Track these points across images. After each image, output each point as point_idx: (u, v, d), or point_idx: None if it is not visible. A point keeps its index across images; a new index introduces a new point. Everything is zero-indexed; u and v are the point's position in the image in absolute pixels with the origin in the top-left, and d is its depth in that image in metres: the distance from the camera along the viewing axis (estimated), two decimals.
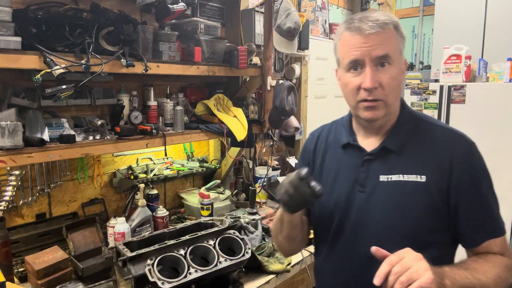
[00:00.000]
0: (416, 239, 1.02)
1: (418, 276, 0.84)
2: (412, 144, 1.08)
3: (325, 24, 3.66)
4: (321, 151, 1.22)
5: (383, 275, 0.87)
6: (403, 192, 1.04)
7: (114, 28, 1.62)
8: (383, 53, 1.00)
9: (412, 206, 1.03)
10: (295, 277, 1.80)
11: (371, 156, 1.09)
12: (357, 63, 1.02)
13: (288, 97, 2.32)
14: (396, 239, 1.02)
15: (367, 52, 1.00)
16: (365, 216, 1.08)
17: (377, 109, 1.03)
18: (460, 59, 3.37)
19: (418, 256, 0.89)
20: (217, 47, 2.04)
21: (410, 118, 1.12)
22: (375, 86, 1.00)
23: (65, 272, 1.51)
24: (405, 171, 1.05)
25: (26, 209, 1.75)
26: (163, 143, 1.82)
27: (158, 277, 1.22)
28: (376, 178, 1.07)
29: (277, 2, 2.39)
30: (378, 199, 1.07)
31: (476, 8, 3.69)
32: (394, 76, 1.02)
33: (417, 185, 1.03)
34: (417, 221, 1.03)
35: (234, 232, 1.48)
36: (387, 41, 1.01)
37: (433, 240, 1.05)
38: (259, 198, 2.45)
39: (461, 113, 3.30)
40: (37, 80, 1.35)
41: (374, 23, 0.99)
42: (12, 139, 1.34)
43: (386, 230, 1.05)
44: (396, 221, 1.04)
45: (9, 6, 1.29)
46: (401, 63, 1.06)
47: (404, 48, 1.07)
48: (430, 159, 1.05)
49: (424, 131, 1.09)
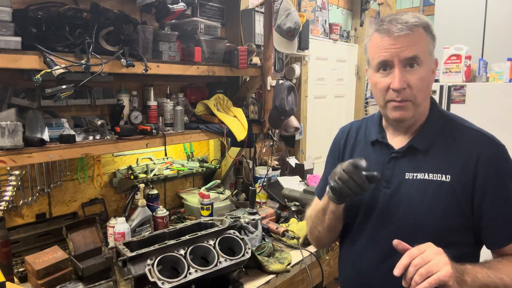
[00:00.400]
0: (438, 237, 1.03)
1: (438, 269, 0.86)
2: (440, 143, 1.09)
3: (325, 24, 3.66)
4: (350, 146, 1.24)
5: (403, 267, 0.90)
6: (427, 191, 1.06)
7: (114, 28, 1.62)
8: (412, 55, 1.02)
9: (436, 204, 1.05)
10: (295, 277, 1.80)
11: (398, 154, 1.12)
12: (386, 64, 1.05)
13: (288, 97, 2.32)
14: (418, 236, 1.03)
15: (396, 53, 1.02)
16: (389, 212, 1.10)
17: (406, 110, 1.05)
18: (460, 59, 3.36)
19: (439, 250, 0.91)
20: (217, 47, 2.04)
21: (440, 118, 1.13)
22: (404, 87, 1.02)
23: (65, 272, 1.51)
24: (431, 170, 1.07)
25: (26, 209, 1.75)
26: (163, 143, 1.82)
27: (158, 277, 1.22)
28: (402, 175, 1.09)
29: (277, 2, 2.39)
30: (402, 196, 1.08)
31: (476, 8, 3.69)
32: (423, 77, 1.03)
33: (441, 184, 1.05)
34: (439, 219, 1.04)
35: (234, 232, 1.48)
36: (416, 43, 1.02)
37: (456, 239, 1.05)
38: (259, 198, 2.45)
39: (461, 113, 3.24)
40: (37, 80, 1.35)
41: (403, 25, 1.01)
42: (12, 139, 1.34)
43: (408, 226, 1.07)
44: (419, 218, 1.06)
45: (9, 6, 1.29)
46: (430, 64, 1.07)
47: (434, 48, 1.08)
48: (456, 159, 1.06)
49: (452, 132, 1.10)
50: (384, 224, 1.11)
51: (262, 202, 2.47)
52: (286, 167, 3.08)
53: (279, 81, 2.35)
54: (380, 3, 4.51)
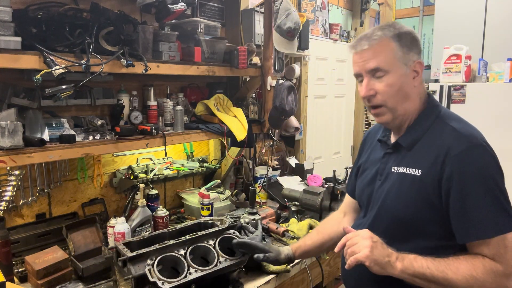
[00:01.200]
0: (412, 227, 1.13)
1: (358, 251, 1.04)
2: (423, 141, 1.16)
3: (325, 24, 3.66)
4: (368, 145, 1.40)
5: (341, 246, 1.09)
6: (403, 183, 1.15)
7: (114, 28, 1.62)
8: (373, 66, 1.13)
9: (409, 196, 1.13)
10: (295, 277, 1.80)
11: (390, 150, 1.24)
12: (358, 76, 1.18)
13: (288, 97, 2.32)
14: (395, 225, 1.16)
15: (362, 66, 1.15)
16: (378, 201, 1.22)
17: (382, 115, 1.17)
18: (460, 59, 3.37)
19: (368, 235, 1.06)
20: (217, 47, 2.04)
21: (430, 117, 1.18)
22: (370, 94, 1.15)
23: (65, 272, 1.51)
24: (408, 165, 1.16)
25: (26, 209, 1.75)
26: (163, 143, 1.82)
27: (158, 277, 1.21)
28: (390, 169, 1.21)
29: (277, 2, 2.39)
30: (386, 187, 1.20)
31: (476, 8, 3.69)
32: (390, 83, 1.13)
33: (413, 178, 1.13)
34: (412, 211, 1.12)
35: (234, 232, 1.48)
36: (376, 55, 1.13)
37: (430, 231, 1.12)
38: (259, 198, 2.45)
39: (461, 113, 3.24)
40: (37, 80, 1.35)
41: (365, 41, 1.14)
42: (12, 139, 1.34)
43: (388, 216, 1.18)
44: (396, 209, 1.16)
45: (9, 6, 1.29)
46: (402, 69, 1.13)
47: (410, 53, 1.14)
48: (429, 155, 1.12)
49: (435, 130, 1.16)
50: (376, 214, 1.22)
51: (262, 202, 2.47)
52: (286, 167, 3.08)
53: (279, 81, 2.35)
54: (380, 3, 4.51)
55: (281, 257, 1.39)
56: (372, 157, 1.32)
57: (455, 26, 3.79)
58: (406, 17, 5.11)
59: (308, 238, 1.49)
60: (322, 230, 1.49)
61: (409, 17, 5.09)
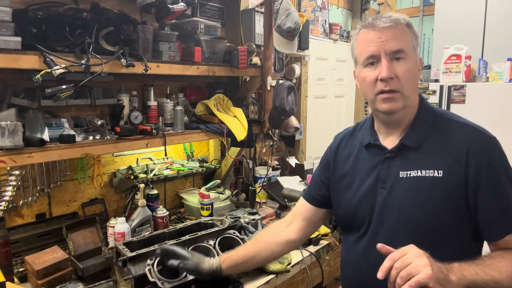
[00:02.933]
0: (435, 233, 1.04)
1: (417, 272, 0.86)
2: (430, 140, 1.10)
3: (325, 24, 3.66)
4: (345, 152, 1.26)
5: (386, 270, 0.90)
6: (421, 188, 1.06)
7: (114, 28, 1.62)
8: (398, 48, 1.04)
9: (430, 201, 1.05)
10: (295, 277, 1.80)
11: (391, 154, 1.13)
12: (373, 58, 1.07)
13: (288, 97, 2.32)
14: (415, 234, 1.05)
15: (382, 46, 1.05)
16: (386, 212, 1.11)
17: (395, 101, 1.07)
18: (460, 59, 3.37)
19: (420, 252, 0.91)
20: (217, 47, 2.04)
21: (429, 114, 1.13)
22: (391, 76, 1.04)
23: (65, 272, 1.51)
24: (423, 167, 1.07)
25: (26, 209, 1.75)
26: (163, 143, 1.82)
27: (158, 277, 1.22)
28: (396, 174, 1.10)
29: (277, 2, 2.39)
30: (398, 195, 1.09)
31: (476, 8, 3.69)
32: (410, 69, 1.06)
33: (434, 180, 1.05)
34: (435, 216, 1.04)
35: (234, 232, 1.49)
36: (400, 36, 1.05)
37: (453, 235, 1.05)
38: (259, 198, 2.45)
39: (461, 113, 3.24)
40: (37, 80, 1.35)
41: (387, 19, 1.05)
42: (12, 139, 1.34)
43: (405, 225, 1.07)
44: (415, 217, 1.06)
45: (9, 6, 1.29)
46: (415, 59, 1.09)
47: (418, 47, 1.10)
48: (447, 153, 1.06)
49: (442, 127, 1.11)
50: (383, 224, 1.12)
51: (262, 202, 2.47)
52: (286, 167, 3.08)
53: (279, 81, 2.35)
54: (380, 3, 4.50)
55: (203, 266, 1.24)
56: (360, 165, 1.19)
57: (455, 26, 3.79)
58: None
59: (241, 248, 1.36)
60: (259, 239, 1.35)
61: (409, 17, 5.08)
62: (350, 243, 1.23)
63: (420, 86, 3.50)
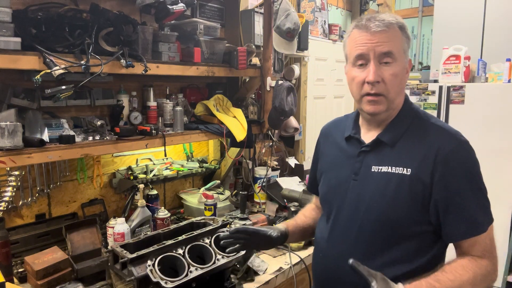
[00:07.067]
0: (399, 228, 1.09)
1: None
2: (406, 138, 1.13)
3: (324, 25, 3.66)
4: (330, 141, 1.33)
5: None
6: (390, 183, 1.10)
7: (114, 29, 1.63)
8: (387, 50, 1.07)
9: (397, 197, 1.08)
10: (296, 276, 1.80)
11: (367, 148, 1.17)
12: (362, 58, 1.10)
13: (287, 98, 2.32)
14: (381, 227, 1.10)
15: (372, 48, 1.08)
16: (357, 203, 1.16)
17: (379, 104, 1.11)
18: (459, 60, 3.37)
19: None
20: (217, 48, 2.04)
21: (409, 115, 1.16)
22: (377, 80, 1.08)
23: (64, 272, 1.51)
24: (394, 164, 1.11)
25: (26, 209, 1.75)
26: (163, 144, 1.82)
27: (161, 277, 1.22)
28: (369, 168, 1.15)
29: (277, 2, 2.39)
30: (368, 188, 1.14)
31: (475, 8, 3.69)
32: (396, 73, 1.09)
33: (402, 177, 1.08)
34: (400, 212, 1.08)
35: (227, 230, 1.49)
36: (391, 39, 1.08)
37: (417, 231, 1.09)
38: (259, 199, 2.45)
39: (460, 114, 3.30)
40: (37, 80, 1.35)
41: (380, 22, 1.07)
42: (12, 140, 1.34)
43: (373, 218, 1.12)
44: (382, 210, 1.10)
45: (9, 7, 1.29)
46: (404, 62, 1.12)
47: (409, 49, 1.13)
48: (418, 153, 1.09)
49: (419, 128, 1.13)
50: (354, 216, 1.16)
51: (261, 203, 2.47)
52: (285, 168, 3.08)
53: (278, 81, 2.35)
54: (380, 3, 4.52)
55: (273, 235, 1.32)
56: (340, 155, 1.26)
57: (454, 26, 3.79)
58: (405, 18, 5.11)
59: (294, 220, 1.46)
60: (307, 215, 1.47)
61: (408, 18, 5.09)
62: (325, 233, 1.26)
63: (419, 86, 3.51)
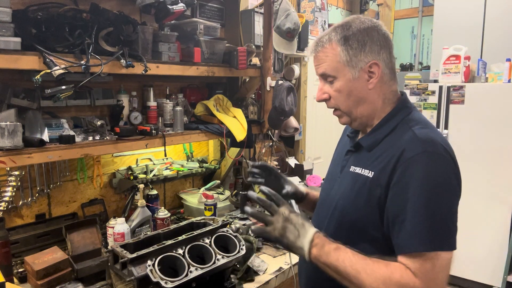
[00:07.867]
0: (358, 230, 1.09)
1: None
2: (384, 143, 1.11)
3: (324, 25, 3.66)
4: (344, 135, 1.39)
5: None
6: (355, 184, 1.12)
7: (114, 29, 1.63)
8: (321, 72, 1.14)
9: (358, 197, 1.10)
10: (296, 276, 1.80)
11: (352, 149, 1.22)
12: None
13: (287, 98, 2.32)
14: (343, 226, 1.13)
15: (315, 70, 1.17)
16: (332, 199, 1.20)
17: (340, 117, 1.18)
18: (459, 60, 3.37)
19: None
20: (217, 48, 2.04)
21: (394, 121, 1.12)
22: (323, 98, 1.17)
23: (64, 272, 1.51)
24: (364, 166, 1.12)
25: (26, 209, 1.75)
26: (163, 144, 1.82)
27: (161, 277, 1.22)
28: (349, 167, 1.18)
29: (277, 2, 2.39)
30: (342, 186, 1.18)
31: (475, 8, 3.70)
32: (339, 88, 1.12)
33: (365, 179, 1.09)
34: (359, 213, 1.09)
35: (227, 230, 1.49)
36: (322, 61, 1.12)
37: (376, 237, 1.05)
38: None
39: (460, 114, 3.30)
40: (37, 80, 1.35)
41: (315, 46, 1.14)
42: (12, 140, 1.34)
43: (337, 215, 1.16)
44: (344, 209, 1.14)
45: (9, 7, 1.30)
46: (348, 74, 1.09)
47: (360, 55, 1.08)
48: (384, 157, 1.07)
49: (398, 134, 1.09)
50: (328, 211, 1.20)
51: None
52: (285, 168, 3.08)
53: (278, 81, 2.35)
54: (380, 3, 4.52)
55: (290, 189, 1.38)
56: (340, 151, 1.30)
57: (454, 26, 3.80)
58: (405, 18, 5.12)
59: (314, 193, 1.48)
60: None
61: (408, 18, 5.10)
62: None
63: (419, 86, 3.51)
